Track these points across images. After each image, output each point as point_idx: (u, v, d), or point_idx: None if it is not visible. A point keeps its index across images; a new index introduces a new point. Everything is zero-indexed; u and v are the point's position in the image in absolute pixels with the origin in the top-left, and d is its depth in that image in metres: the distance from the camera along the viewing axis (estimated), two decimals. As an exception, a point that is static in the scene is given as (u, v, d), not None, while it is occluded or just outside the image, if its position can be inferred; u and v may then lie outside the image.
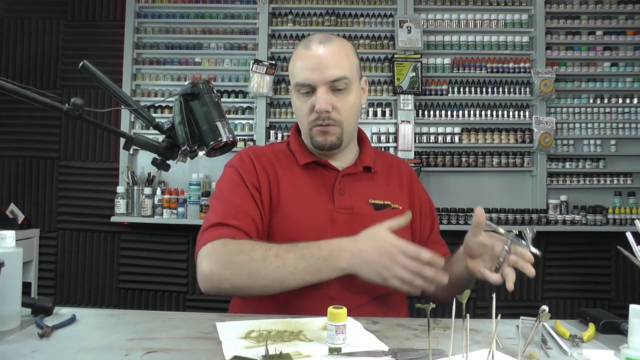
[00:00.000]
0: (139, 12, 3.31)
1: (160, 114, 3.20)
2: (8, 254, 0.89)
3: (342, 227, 1.16)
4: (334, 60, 1.15)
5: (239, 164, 1.22)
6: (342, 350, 0.78)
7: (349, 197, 1.20)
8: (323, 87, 1.15)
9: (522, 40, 3.28)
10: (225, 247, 1.05)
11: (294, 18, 3.28)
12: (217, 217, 1.12)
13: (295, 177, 1.22)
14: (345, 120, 1.19)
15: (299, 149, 1.26)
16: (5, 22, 3.32)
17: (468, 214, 3.02)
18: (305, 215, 1.17)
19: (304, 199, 1.19)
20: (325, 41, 1.18)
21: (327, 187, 1.21)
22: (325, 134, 1.18)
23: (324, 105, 1.14)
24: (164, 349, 0.80)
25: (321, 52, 1.16)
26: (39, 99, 0.86)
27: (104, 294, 3.23)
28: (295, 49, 1.22)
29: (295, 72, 1.19)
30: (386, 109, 3.23)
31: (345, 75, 1.16)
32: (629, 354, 0.69)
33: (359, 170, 1.25)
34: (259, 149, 1.28)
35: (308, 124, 1.19)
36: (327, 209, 1.18)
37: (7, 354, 0.75)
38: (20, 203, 3.22)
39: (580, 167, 3.21)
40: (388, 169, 1.31)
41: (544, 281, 3.19)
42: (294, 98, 1.22)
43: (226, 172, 1.23)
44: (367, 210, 1.19)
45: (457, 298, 0.71)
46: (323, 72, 1.15)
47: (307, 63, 1.16)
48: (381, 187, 1.26)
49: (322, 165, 1.24)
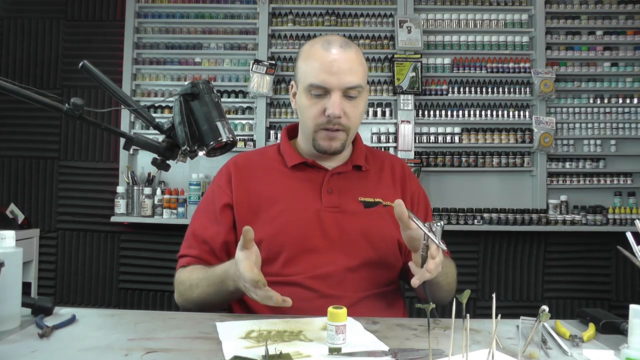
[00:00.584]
0: (139, 12, 3.31)
1: (160, 114, 3.19)
2: (8, 254, 0.89)
3: (330, 226, 1.18)
4: (351, 67, 1.15)
5: (217, 179, 1.29)
6: (342, 350, 0.78)
7: (337, 195, 1.21)
8: (338, 92, 1.14)
9: (522, 40, 3.27)
10: (178, 277, 1.22)
11: (294, 18, 3.27)
12: (182, 248, 1.26)
13: (282, 180, 1.23)
14: (352, 127, 1.19)
15: (289, 151, 1.27)
16: (5, 22, 3.32)
17: (468, 214, 3.02)
18: (292, 216, 1.18)
19: (291, 200, 1.20)
20: (345, 46, 1.16)
21: (315, 187, 1.22)
22: (332, 140, 1.18)
23: (338, 110, 1.14)
24: (164, 349, 0.80)
25: (341, 56, 1.14)
26: (39, 99, 0.86)
27: (104, 294, 3.23)
28: (311, 47, 1.19)
29: (309, 71, 1.16)
30: (386, 109, 3.23)
31: (360, 84, 1.16)
32: (629, 354, 0.69)
33: (349, 169, 1.26)
34: (242, 159, 1.30)
35: (315, 125, 1.18)
36: (314, 208, 1.19)
37: (7, 354, 0.75)
38: (20, 203, 3.21)
39: (580, 167, 3.20)
40: (380, 166, 1.31)
41: (544, 281, 3.18)
42: (303, 97, 1.19)
43: (208, 189, 1.32)
44: (356, 208, 1.19)
45: (457, 298, 0.71)
46: (341, 78, 1.14)
47: (325, 65, 1.14)
48: (372, 185, 1.26)
49: (311, 166, 1.25)
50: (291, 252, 1.15)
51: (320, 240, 1.17)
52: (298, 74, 1.22)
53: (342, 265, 1.16)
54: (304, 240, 1.16)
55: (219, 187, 1.25)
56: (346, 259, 1.16)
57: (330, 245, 1.17)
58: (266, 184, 1.23)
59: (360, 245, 1.17)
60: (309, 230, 1.16)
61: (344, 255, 1.16)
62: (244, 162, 1.28)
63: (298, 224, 1.17)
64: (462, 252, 3.14)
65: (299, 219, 1.18)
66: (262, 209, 1.20)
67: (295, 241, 1.16)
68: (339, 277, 1.15)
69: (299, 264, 1.15)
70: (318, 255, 1.16)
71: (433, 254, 0.97)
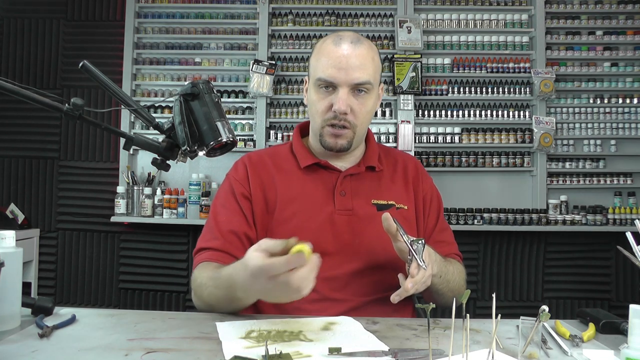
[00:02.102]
0: (139, 12, 3.31)
1: (160, 114, 3.20)
2: (8, 254, 0.89)
3: (342, 229, 1.16)
4: (361, 63, 1.14)
5: (233, 174, 1.25)
6: (342, 350, 0.78)
7: (350, 198, 1.19)
8: (345, 88, 1.14)
9: (522, 40, 3.27)
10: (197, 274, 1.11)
11: (294, 18, 3.27)
12: (201, 241, 1.18)
13: (295, 181, 1.21)
14: (359, 125, 1.18)
15: (301, 151, 1.25)
16: (5, 22, 3.32)
17: (468, 214, 3.02)
18: (305, 219, 1.16)
19: (304, 202, 1.18)
20: (356, 42, 1.15)
21: (328, 189, 1.20)
22: (337, 137, 1.17)
23: (344, 106, 1.13)
24: (164, 349, 0.80)
25: (350, 52, 1.13)
26: (39, 99, 0.86)
27: (104, 294, 3.23)
28: (323, 42, 1.19)
29: (319, 66, 1.16)
30: (386, 109, 3.23)
31: (369, 80, 1.15)
32: (629, 354, 0.69)
33: (362, 170, 1.23)
34: (256, 156, 1.28)
35: (322, 121, 1.17)
36: (327, 211, 1.17)
37: (7, 354, 0.75)
38: (20, 203, 3.21)
39: (580, 167, 3.20)
40: (394, 166, 1.29)
41: (544, 281, 3.18)
42: (312, 92, 1.19)
43: (223, 184, 1.27)
44: (369, 211, 1.18)
45: (457, 298, 0.71)
46: (349, 73, 1.13)
47: (334, 61, 1.13)
48: (386, 187, 1.24)
49: (324, 167, 1.22)
50: None
51: (332, 244, 1.15)
52: (310, 70, 1.22)
53: (349, 268, 1.15)
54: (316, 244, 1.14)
55: (236, 180, 1.22)
56: (354, 262, 1.15)
57: (341, 249, 1.15)
58: (280, 184, 1.21)
59: (371, 249, 1.16)
60: (322, 234, 1.15)
61: (353, 258, 1.15)
62: (257, 158, 1.26)
63: (311, 228, 1.15)
64: (462, 252, 3.13)
65: (312, 221, 1.16)
66: (276, 209, 1.18)
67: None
68: (343, 281, 1.14)
69: None
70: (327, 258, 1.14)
71: (412, 273, 0.97)
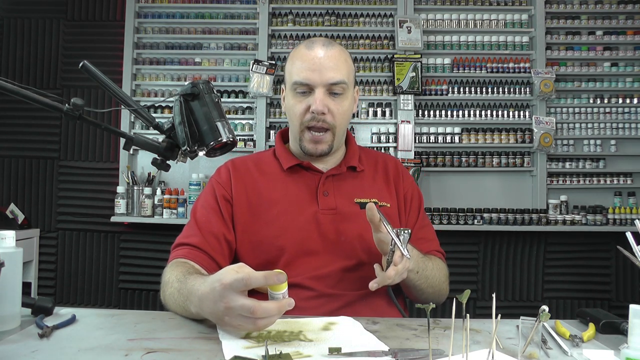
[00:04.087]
0: (139, 12, 3.31)
1: (160, 114, 3.20)
2: (8, 254, 0.89)
3: (327, 228, 1.19)
4: (334, 64, 1.17)
5: (216, 177, 1.27)
6: (342, 350, 0.78)
7: (333, 197, 1.22)
8: (321, 89, 1.17)
9: (522, 40, 3.27)
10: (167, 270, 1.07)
11: (294, 18, 3.27)
12: (180, 237, 1.19)
13: (278, 182, 1.24)
14: (338, 125, 1.20)
15: (284, 154, 1.28)
16: (5, 22, 3.32)
17: (468, 214, 3.02)
18: (290, 219, 1.19)
19: (288, 203, 1.21)
20: (328, 44, 1.20)
21: (311, 190, 1.23)
22: (317, 143, 1.20)
23: (320, 106, 1.16)
24: (164, 349, 0.80)
25: (323, 54, 1.17)
26: (39, 99, 0.86)
27: (104, 294, 3.23)
28: (295, 49, 1.23)
29: (293, 71, 1.20)
30: (386, 109, 3.23)
31: (343, 80, 1.18)
32: (629, 354, 0.69)
33: (343, 171, 1.26)
34: (240, 161, 1.30)
35: (300, 124, 1.20)
36: (311, 211, 1.20)
37: (7, 354, 0.75)
38: (20, 203, 3.22)
39: (580, 167, 3.20)
40: (375, 166, 1.32)
41: (544, 281, 3.18)
42: (289, 97, 1.22)
43: (205, 187, 1.29)
44: (353, 209, 1.21)
45: (457, 298, 0.71)
46: (323, 74, 1.16)
47: (307, 63, 1.17)
48: (367, 186, 1.27)
49: (306, 168, 1.25)
50: (290, 256, 1.17)
51: (318, 243, 1.18)
52: (285, 76, 1.25)
53: (340, 265, 1.17)
54: (302, 244, 1.17)
55: (218, 183, 1.25)
56: (343, 260, 1.18)
57: (327, 248, 1.18)
58: (263, 186, 1.24)
59: (356, 246, 1.18)
60: (307, 234, 1.18)
61: (341, 256, 1.18)
62: (241, 163, 1.29)
63: (296, 227, 1.18)
64: (462, 252, 3.14)
65: (297, 221, 1.18)
66: (260, 210, 1.20)
67: (294, 245, 1.17)
68: (336, 277, 1.16)
69: (299, 266, 1.16)
70: (316, 257, 1.17)
71: (396, 261, 0.99)
